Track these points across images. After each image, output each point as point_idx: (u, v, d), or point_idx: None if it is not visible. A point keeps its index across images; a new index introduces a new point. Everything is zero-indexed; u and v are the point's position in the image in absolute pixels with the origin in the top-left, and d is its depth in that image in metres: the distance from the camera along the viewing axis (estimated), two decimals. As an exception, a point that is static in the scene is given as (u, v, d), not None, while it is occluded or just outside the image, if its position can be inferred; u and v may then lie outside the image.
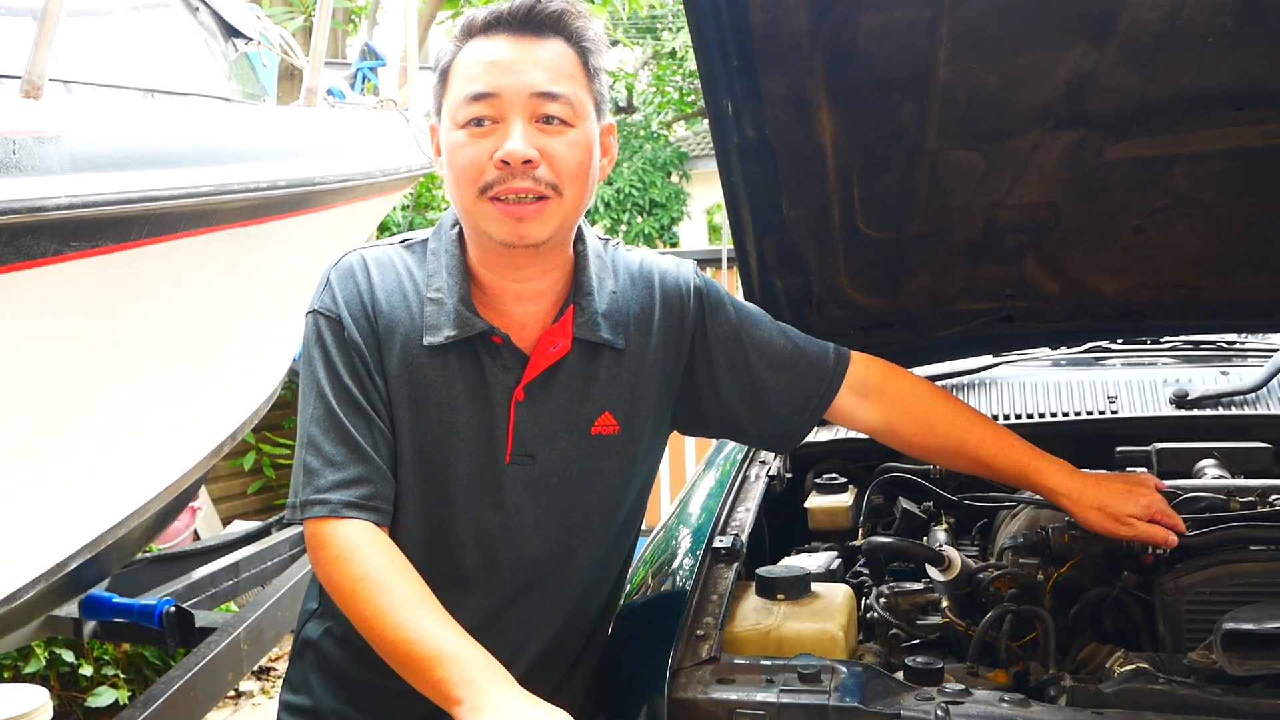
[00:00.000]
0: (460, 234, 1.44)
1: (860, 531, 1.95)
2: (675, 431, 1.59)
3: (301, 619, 1.55)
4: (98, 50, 2.21)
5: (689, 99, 14.93)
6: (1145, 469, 1.86)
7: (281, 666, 4.50)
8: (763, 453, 2.12)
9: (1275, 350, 2.45)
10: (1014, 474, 1.58)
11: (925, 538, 1.83)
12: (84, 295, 1.84)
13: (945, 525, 1.86)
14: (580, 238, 1.46)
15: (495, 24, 1.35)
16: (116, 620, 3.09)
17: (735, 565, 1.62)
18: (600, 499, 1.46)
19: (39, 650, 3.60)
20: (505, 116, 1.32)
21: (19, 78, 1.69)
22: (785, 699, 1.30)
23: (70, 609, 3.04)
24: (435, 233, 1.46)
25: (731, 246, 1.97)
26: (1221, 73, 1.59)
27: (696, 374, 1.52)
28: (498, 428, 1.39)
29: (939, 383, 2.29)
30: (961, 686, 1.31)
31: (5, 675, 3.58)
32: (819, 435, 2.21)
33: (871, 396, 1.58)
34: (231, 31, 2.97)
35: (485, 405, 1.39)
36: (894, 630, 1.63)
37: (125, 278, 1.91)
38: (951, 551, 1.65)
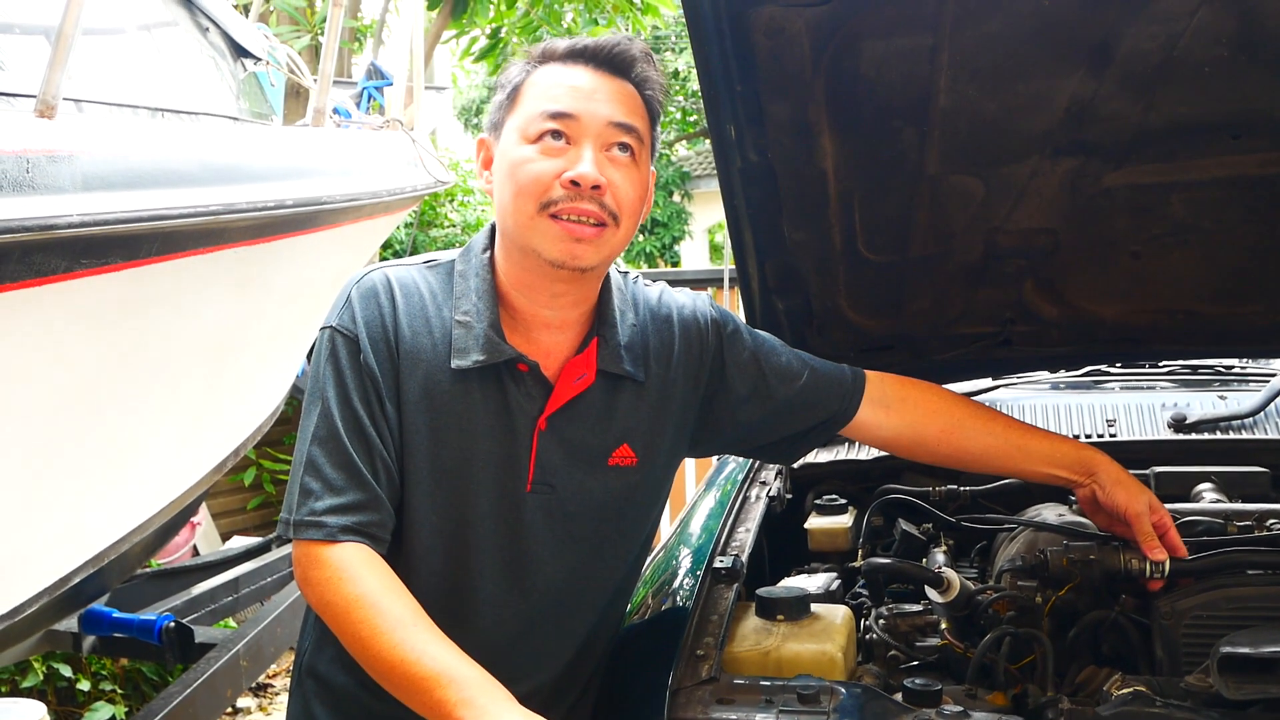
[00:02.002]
0: (491, 258, 1.43)
1: (860, 553, 1.96)
2: (691, 455, 1.60)
3: (300, 651, 1.53)
4: (109, 70, 2.24)
5: (691, 119, 15.00)
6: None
7: (279, 683, 4.49)
8: (763, 473, 2.14)
9: (1272, 375, 2.47)
10: (1042, 455, 1.62)
11: (924, 559, 1.84)
12: (93, 312, 1.86)
13: (944, 547, 1.87)
14: None
15: (577, 55, 1.37)
16: (116, 635, 3.09)
17: (735, 586, 1.63)
18: (615, 528, 1.46)
19: (37, 665, 3.60)
20: (579, 140, 1.34)
21: (33, 97, 1.72)
22: (784, 719, 1.30)
23: (70, 624, 3.04)
24: (464, 255, 1.45)
25: (733, 267, 1.99)
26: (1218, 102, 1.62)
27: (716, 403, 1.54)
28: (520, 456, 1.38)
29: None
30: (960, 708, 1.31)
31: (3, 690, 3.57)
32: (819, 456, 2.22)
33: (893, 406, 1.61)
34: (240, 51, 3.00)
35: (508, 433, 1.38)
36: (893, 651, 1.64)
37: (134, 295, 1.93)
38: (950, 573, 1.65)
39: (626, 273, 1.55)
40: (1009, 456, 1.64)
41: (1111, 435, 2.20)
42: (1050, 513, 1.79)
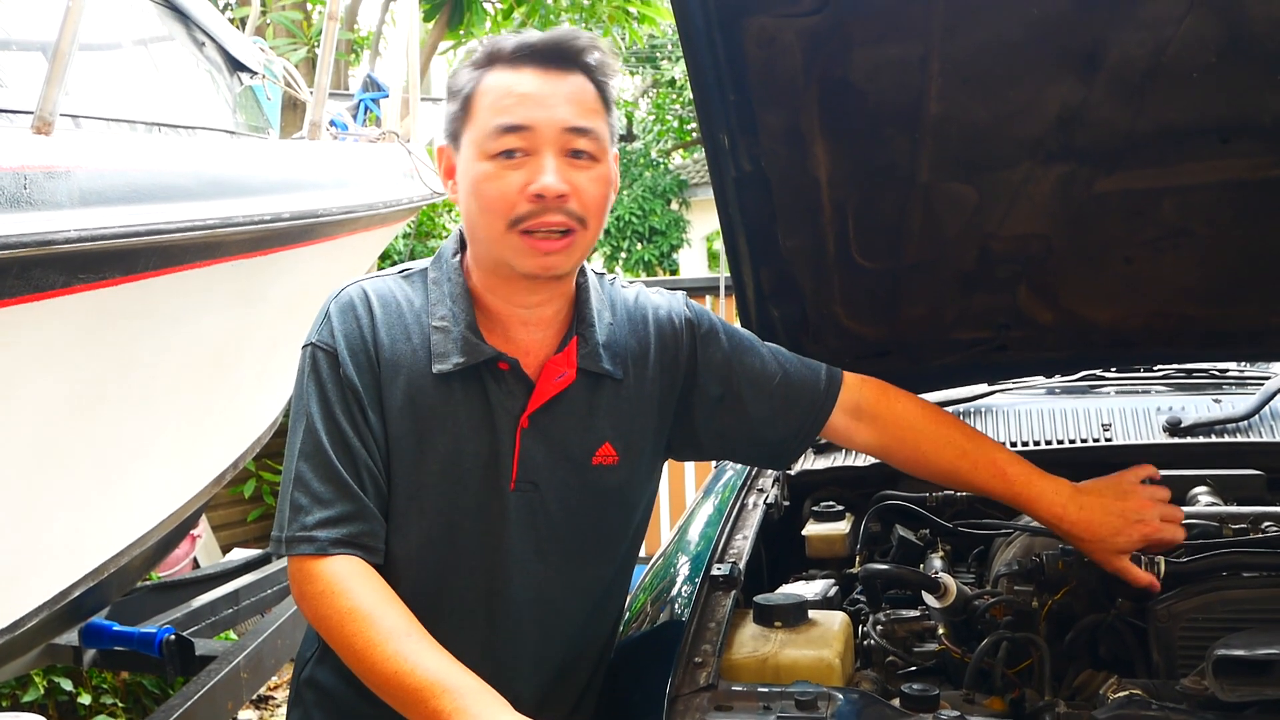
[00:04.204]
0: (461, 262, 1.44)
1: (857, 559, 1.96)
2: (671, 458, 1.60)
3: (299, 663, 1.54)
4: (106, 85, 2.25)
5: (688, 127, 15.03)
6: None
7: (281, 695, 4.49)
8: (760, 480, 2.14)
9: (1267, 378, 2.48)
10: (1009, 500, 1.60)
11: (921, 565, 1.84)
12: (91, 326, 1.87)
13: (942, 553, 1.87)
14: (580, 269, 1.47)
15: (523, 56, 1.35)
16: (116, 648, 3.09)
17: (733, 593, 1.63)
18: (600, 528, 1.47)
19: (38, 679, 3.59)
20: (537, 150, 1.33)
21: (31, 113, 1.73)
22: (782, 725, 1.31)
23: (70, 637, 3.04)
24: (435, 261, 1.46)
25: (729, 275, 2.00)
26: (1207, 107, 1.63)
27: (691, 405, 1.54)
28: (503, 455, 1.39)
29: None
30: (957, 713, 1.32)
31: (4, 704, 3.57)
32: (816, 463, 2.22)
33: (865, 419, 1.60)
34: (236, 65, 3.02)
35: (490, 433, 1.39)
36: (891, 657, 1.64)
37: (132, 309, 1.94)
38: (947, 579, 1.66)
39: (603, 274, 1.55)
40: (980, 492, 1.63)
41: (1107, 439, 2.20)
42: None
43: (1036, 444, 2.22)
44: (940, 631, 1.65)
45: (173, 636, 3.05)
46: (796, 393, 1.57)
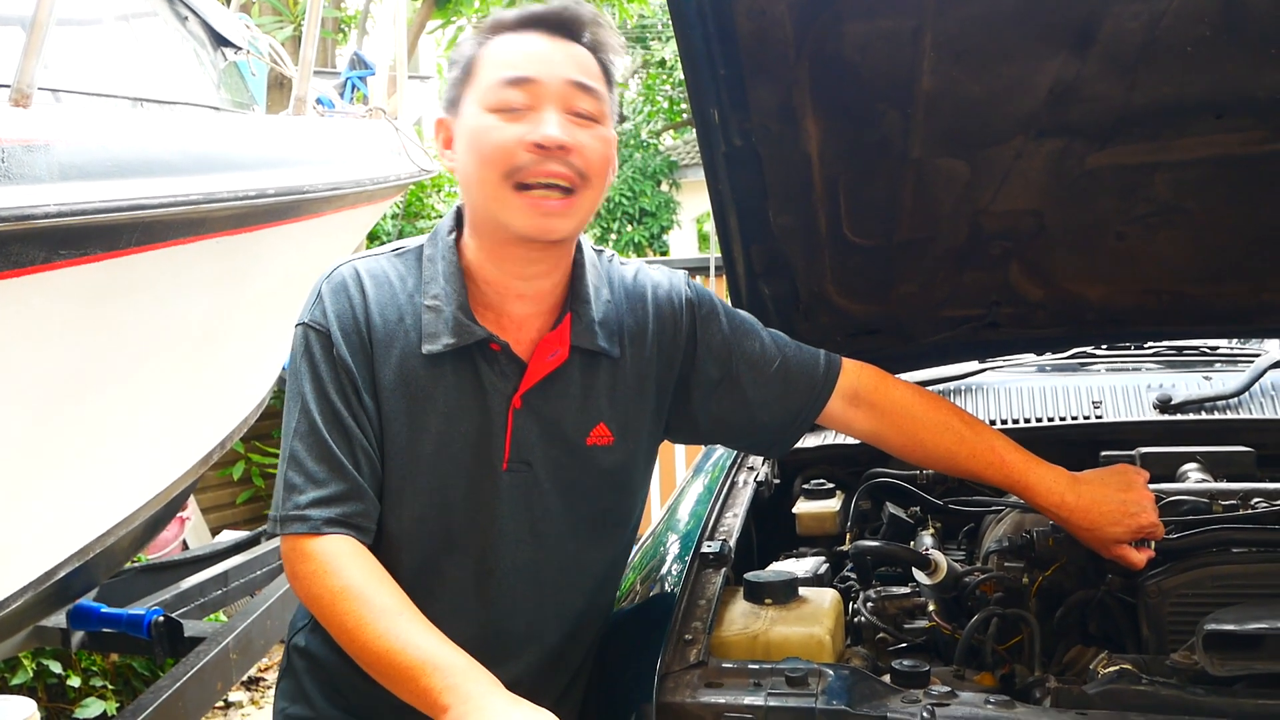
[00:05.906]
0: (457, 240, 1.42)
1: (848, 536, 1.96)
2: (667, 440, 1.59)
3: (290, 632, 1.54)
4: (87, 59, 2.22)
5: (679, 108, 14.98)
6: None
7: (271, 676, 4.49)
8: (751, 459, 2.14)
9: (1257, 355, 2.48)
10: (1007, 487, 1.59)
11: (912, 542, 1.84)
12: (73, 303, 1.84)
13: (932, 530, 1.87)
14: (577, 245, 1.45)
15: (528, 23, 1.36)
16: (105, 630, 3.09)
17: (723, 570, 1.62)
18: (595, 508, 1.46)
19: (26, 661, 3.58)
20: (539, 104, 1.32)
21: (8, 86, 1.70)
22: (772, 702, 1.30)
23: (58, 619, 3.04)
24: (431, 239, 1.44)
25: (719, 254, 1.98)
26: (1202, 82, 1.61)
27: (689, 387, 1.52)
28: (495, 435, 1.38)
29: (928, 388, 2.31)
30: (947, 689, 1.32)
31: (-8, 687, 3.56)
32: (807, 441, 2.22)
33: (862, 406, 1.59)
34: (220, 40, 2.98)
35: (483, 413, 1.37)
36: (881, 634, 1.64)
37: (114, 286, 1.91)
38: (938, 555, 1.66)
39: (601, 250, 1.53)
40: (975, 479, 1.63)
41: (1098, 416, 2.20)
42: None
43: (1027, 421, 2.22)
44: (931, 608, 1.65)
45: (161, 618, 3.05)
46: (795, 377, 1.56)
